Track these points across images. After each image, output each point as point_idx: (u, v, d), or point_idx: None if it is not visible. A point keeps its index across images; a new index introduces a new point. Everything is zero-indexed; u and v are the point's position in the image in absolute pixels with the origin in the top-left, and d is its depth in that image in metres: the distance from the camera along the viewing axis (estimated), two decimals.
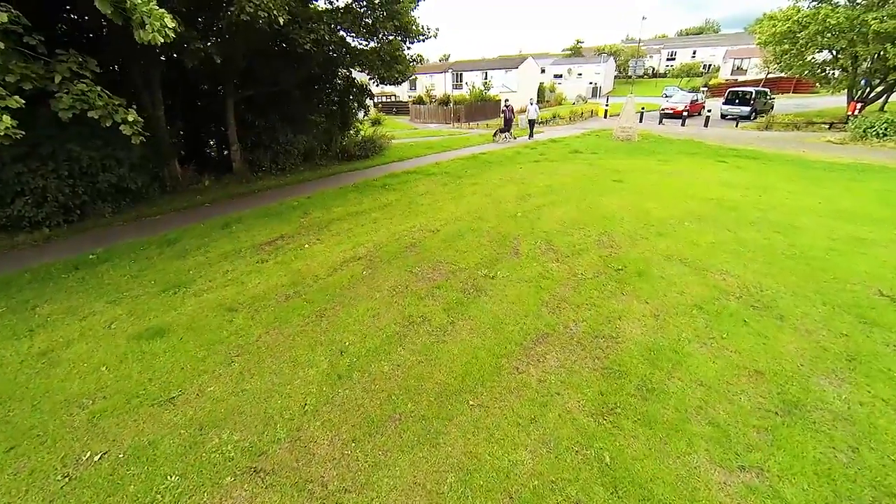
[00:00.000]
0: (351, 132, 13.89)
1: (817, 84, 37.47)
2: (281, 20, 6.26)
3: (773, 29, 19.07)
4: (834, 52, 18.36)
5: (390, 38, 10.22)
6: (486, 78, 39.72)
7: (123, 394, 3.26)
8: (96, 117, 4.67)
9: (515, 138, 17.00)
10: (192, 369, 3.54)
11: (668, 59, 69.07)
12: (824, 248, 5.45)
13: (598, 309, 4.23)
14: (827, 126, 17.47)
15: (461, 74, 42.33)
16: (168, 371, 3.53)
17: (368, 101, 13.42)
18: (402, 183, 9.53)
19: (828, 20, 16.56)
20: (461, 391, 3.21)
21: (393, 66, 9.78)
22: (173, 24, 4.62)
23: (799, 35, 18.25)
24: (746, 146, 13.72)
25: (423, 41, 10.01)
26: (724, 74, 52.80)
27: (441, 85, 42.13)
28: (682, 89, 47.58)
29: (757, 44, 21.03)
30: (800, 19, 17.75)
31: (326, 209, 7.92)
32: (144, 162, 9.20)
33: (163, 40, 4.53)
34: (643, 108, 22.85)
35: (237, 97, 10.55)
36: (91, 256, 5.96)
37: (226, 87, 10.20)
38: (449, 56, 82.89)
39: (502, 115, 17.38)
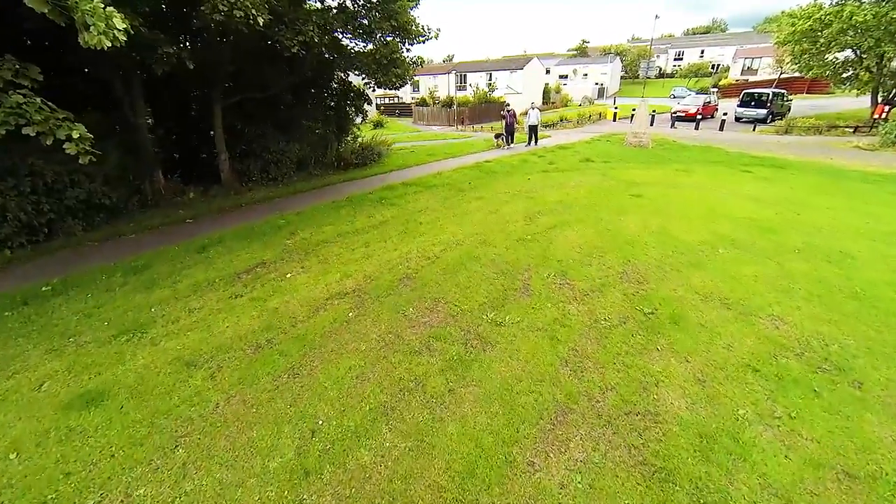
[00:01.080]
0: (348, 138, 13.20)
1: (832, 85, 36.50)
2: (261, 20, 5.55)
3: (793, 27, 18.17)
4: (858, 52, 17.42)
5: (388, 39, 9.52)
6: (490, 79, 39.00)
7: (26, 499, 2.55)
8: (33, 134, 3.98)
9: (512, 145, 15.60)
10: (124, 457, 2.83)
11: (675, 59, 67.99)
12: (890, 285, 4.65)
13: (628, 371, 3.46)
14: (851, 130, 16.54)
15: (465, 76, 41.60)
16: (94, 460, 2.81)
17: (367, 107, 12.69)
18: (399, 196, 8.80)
19: (853, 17, 15.64)
20: (461, 502, 2.47)
21: (390, 70, 9.05)
22: (124, 25, 3.92)
23: (821, 34, 17.34)
24: (768, 153, 12.86)
25: (424, 42, 9.29)
26: (734, 74, 51.64)
27: (444, 86, 41.38)
28: (690, 90, 46.59)
29: (775, 43, 20.12)
30: (822, 17, 16.84)
31: (315, 228, 7.20)
32: (123, 174, 8.59)
33: (110, 44, 3.83)
34: (654, 111, 21.97)
35: (225, 103, 9.87)
36: (45, 288, 5.27)
37: (212, 92, 9.52)
38: (452, 57, 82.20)
39: (503, 120, 15.88)
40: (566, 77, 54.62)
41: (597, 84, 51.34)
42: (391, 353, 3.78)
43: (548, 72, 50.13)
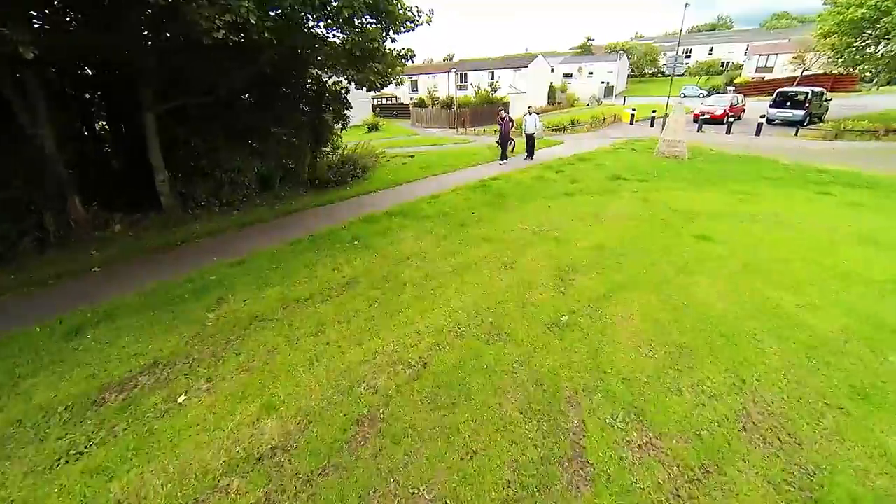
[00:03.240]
0: (327, 149, 11.04)
1: (859, 82, 34.26)
2: None
3: (840, 17, 15.95)
4: None
5: (371, 23, 7.31)
6: (492, 78, 36.88)
7: None
8: None
9: (510, 159, 12.81)
10: None
11: (683, 57, 65.71)
12: None
13: None
14: None
15: (466, 75, 39.48)
16: None
17: (347, 112, 10.53)
18: (380, 234, 6.65)
19: None
20: None
21: (367, 65, 6.88)
22: None
23: (873, 24, 15.13)
24: (833, 165, 10.64)
25: (413, 28, 7.11)
26: (748, 72, 49.28)
27: (444, 86, 39.24)
28: (701, 88, 44.40)
29: (816, 35, 17.89)
30: (878, 3, 14.60)
31: (255, 291, 5.06)
32: (14, 206, 6.51)
33: None
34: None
35: (161, 108, 7.75)
36: None
37: (140, 94, 7.39)
38: (453, 56, 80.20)
39: (498, 129, 12.79)
40: (571, 76, 52.44)
41: (603, 83, 49.19)
42: None
43: (552, 70, 47.86)
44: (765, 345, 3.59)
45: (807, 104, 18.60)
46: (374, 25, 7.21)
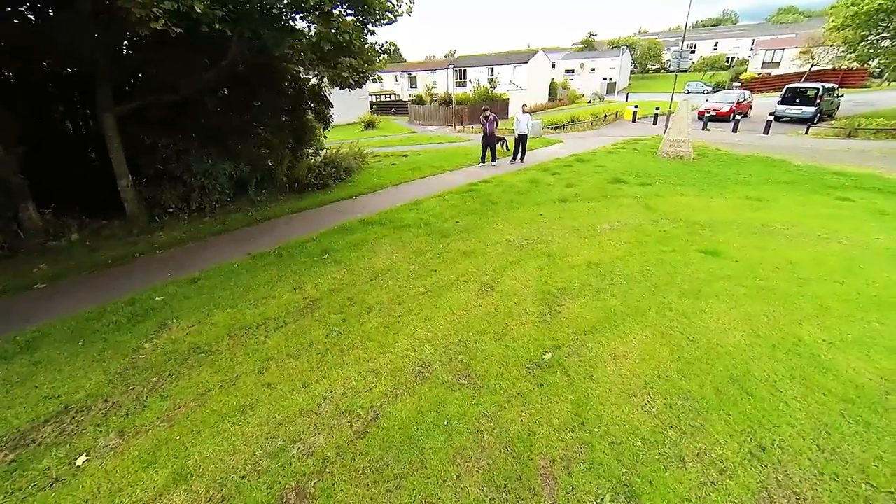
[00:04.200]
0: (310, 150, 10.45)
1: (868, 77, 33.29)
2: None
3: (855, 9, 15.16)
4: None
5: (348, 14, 6.69)
6: (492, 74, 36.18)
7: None
8: None
9: (496, 162, 11.73)
10: None
11: (689, 52, 64.50)
12: None
13: None
14: None
15: (465, 71, 38.77)
16: None
17: (329, 111, 9.92)
18: (353, 247, 6.06)
19: None
20: None
21: (340, 60, 6.26)
22: None
23: (892, 17, 14.34)
24: (850, 167, 9.93)
25: (393, 20, 6.48)
26: (754, 68, 48.18)
27: (443, 82, 38.57)
28: (706, 84, 43.48)
29: (829, 28, 17.08)
30: None
31: (203, 315, 4.49)
32: None
33: None
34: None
35: (122, 109, 7.18)
36: None
37: (97, 92, 6.83)
38: (455, 52, 79.33)
39: (482, 130, 11.48)
40: (572, 72, 51.57)
41: (605, 79, 48.28)
42: None
43: (553, 66, 46.96)
44: (787, 396, 2.98)
45: (817, 101, 17.81)
46: (350, 17, 6.60)
